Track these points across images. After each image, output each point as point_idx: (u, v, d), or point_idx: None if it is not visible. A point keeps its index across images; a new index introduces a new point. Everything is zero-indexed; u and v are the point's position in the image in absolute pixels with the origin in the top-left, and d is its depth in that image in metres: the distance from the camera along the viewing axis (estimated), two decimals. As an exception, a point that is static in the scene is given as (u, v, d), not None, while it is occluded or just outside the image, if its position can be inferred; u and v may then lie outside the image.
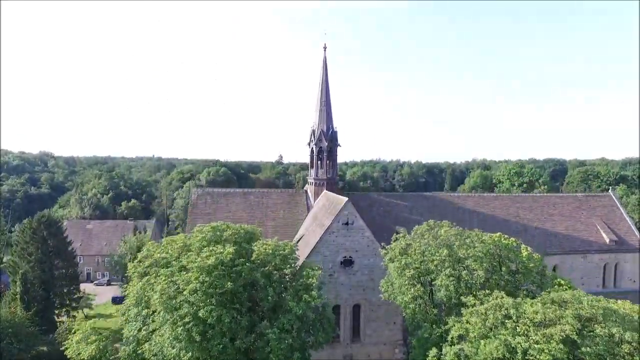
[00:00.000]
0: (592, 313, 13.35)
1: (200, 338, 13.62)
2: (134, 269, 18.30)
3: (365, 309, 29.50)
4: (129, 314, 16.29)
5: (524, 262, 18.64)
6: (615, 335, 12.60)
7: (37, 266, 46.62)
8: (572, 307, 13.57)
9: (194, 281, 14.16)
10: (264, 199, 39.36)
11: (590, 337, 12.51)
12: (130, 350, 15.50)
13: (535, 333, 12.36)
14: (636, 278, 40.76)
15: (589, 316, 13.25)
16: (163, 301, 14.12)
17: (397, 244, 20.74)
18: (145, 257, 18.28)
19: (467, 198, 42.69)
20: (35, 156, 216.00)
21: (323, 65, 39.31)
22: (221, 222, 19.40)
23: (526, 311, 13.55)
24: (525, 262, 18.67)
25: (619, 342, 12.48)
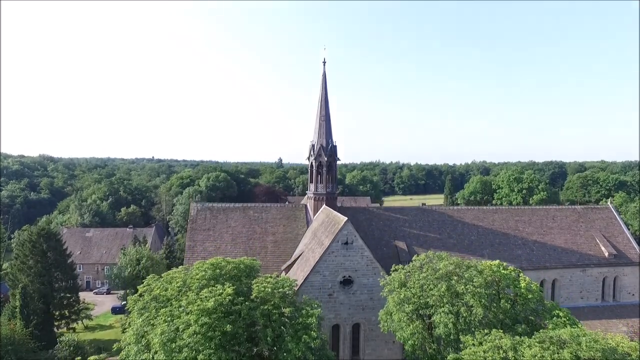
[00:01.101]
0: (590, 355, 13.42)
1: None
2: (133, 303, 18.39)
3: (364, 328, 29.55)
4: (129, 352, 16.35)
5: (522, 293, 18.71)
6: (612, 379, 12.68)
7: (36, 279, 46.72)
8: (571, 348, 13.64)
9: (194, 324, 14.24)
10: (263, 214, 39.45)
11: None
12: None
13: (534, 379, 12.44)
14: (635, 291, 40.84)
15: (587, 358, 13.33)
16: (163, 344, 14.20)
17: (396, 276, 20.77)
18: (145, 290, 18.38)
19: (466, 211, 42.71)
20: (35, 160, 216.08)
21: (322, 80, 39.40)
22: (221, 258, 19.44)
23: (524, 354, 13.61)
24: (524, 292, 18.74)
25: (616, 387, 12.55)
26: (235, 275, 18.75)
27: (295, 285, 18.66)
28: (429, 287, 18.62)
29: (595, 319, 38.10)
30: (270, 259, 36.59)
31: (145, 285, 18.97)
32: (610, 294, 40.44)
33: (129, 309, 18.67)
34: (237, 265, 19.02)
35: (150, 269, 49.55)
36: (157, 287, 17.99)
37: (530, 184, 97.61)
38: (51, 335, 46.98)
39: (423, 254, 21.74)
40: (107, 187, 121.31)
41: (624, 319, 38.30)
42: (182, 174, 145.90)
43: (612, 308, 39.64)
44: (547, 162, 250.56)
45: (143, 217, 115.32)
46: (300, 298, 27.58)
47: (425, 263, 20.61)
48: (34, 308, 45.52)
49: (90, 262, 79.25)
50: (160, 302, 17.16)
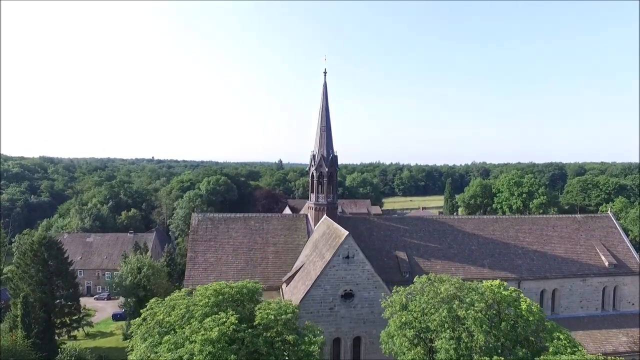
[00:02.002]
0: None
1: None
2: (136, 327, 18.50)
3: (365, 341, 29.64)
4: (133, 378, 16.51)
5: (523, 315, 18.81)
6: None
7: (38, 288, 46.81)
8: (571, 377, 13.77)
9: (198, 354, 14.36)
10: (264, 224, 39.53)
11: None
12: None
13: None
14: (635, 301, 40.92)
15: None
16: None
17: (398, 298, 20.87)
18: (149, 315, 18.51)
19: (466, 221, 42.80)
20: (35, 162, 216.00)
21: (323, 90, 39.48)
22: (224, 284, 19.53)
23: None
24: (525, 314, 18.84)
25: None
26: (238, 299, 18.91)
27: (297, 309, 18.73)
28: (430, 312, 18.73)
29: (595, 328, 38.23)
30: (271, 269, 36.68)
31: (149, 309, 19.10)
32: (610, 304, 40.53)
33: (132, 332, 18.76)
34: (239, 289, 19.15)
35: (151, 278, 49.71)
36: (161, 312, 18.10)
37: (530, 188, 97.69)
38: (52, 344, 47.10)
39: (425, 276, 21.82)
40: (108, 191, 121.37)
41: (623, 329, 38.44)
42: (182, 177, 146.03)
43: (612, 318, 39.73)
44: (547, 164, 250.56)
45: (143, 221, 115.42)
46: (302, 312, 27.82)
47: (426, 285, 20.70)
48: (35, 317, 45.60)
49: (90, 267, 79.32)
50: (164, 327, 17.28)
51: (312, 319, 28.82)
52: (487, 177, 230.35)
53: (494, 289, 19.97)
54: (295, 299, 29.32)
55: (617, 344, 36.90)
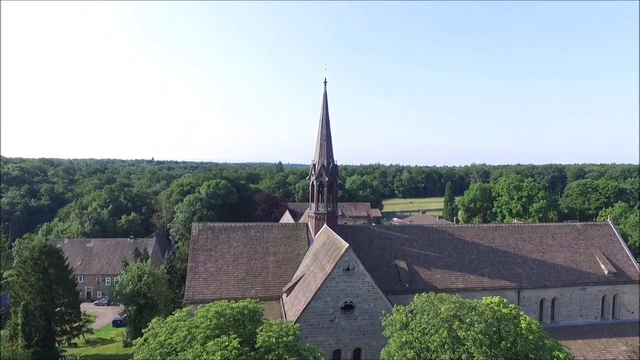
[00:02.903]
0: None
1: None
2: (138, 349, 18.60)
3: (365, 352, 29.68)
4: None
5: (523, 334, 18.91)
6: None
7: (38, 296, 46.86)
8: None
9: None
10: (264, 233, 39.61)
11: None
12: None
13: None
14: (634, 309, 41.01)
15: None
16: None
17: (398, 317, 20.97)
18: (150, 335, 18.60)
19: (466, 229, 42.89)
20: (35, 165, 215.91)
21: (323, 100, 39.58)
22: (225, 305, 19.61)
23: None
24: (524, 333, 18.95)
25: None
26: (239, 319, 19.01)
27: (298, 331, 18.81)
28: (430, 332, 18.84)
29: (594, 337, 38.26)
30: (272, 279, 36.75)
31: (150, 329, 19.21)
32: (610, 312, 40.60)
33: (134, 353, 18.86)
34: (240, 310, 19.25)
35: (151, 285, 49.78)
36: (162, 333, 18.20)
37: (530, 192, 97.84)
38: (53, 352, 47.17)
39: (425, 294, 21.93)
40: (108, 194, 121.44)
41: (623, 338, 38.45)
42: (182, 180, 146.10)
43: (612, 326, 39.78)
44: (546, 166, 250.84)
45: (143, 225, 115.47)
46: (303, 324, 27.89)
47: (426, 304, 20.80)
48: (36, 325, 45.63)
49: (91, 273, 79.37)
50: (165, 347, 17.39)
51: (313, 331, 29.02)
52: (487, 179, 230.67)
53: (494, 307, 20.09)
54: (296, 311, 29.41)
55: (617, 352, 36.93)
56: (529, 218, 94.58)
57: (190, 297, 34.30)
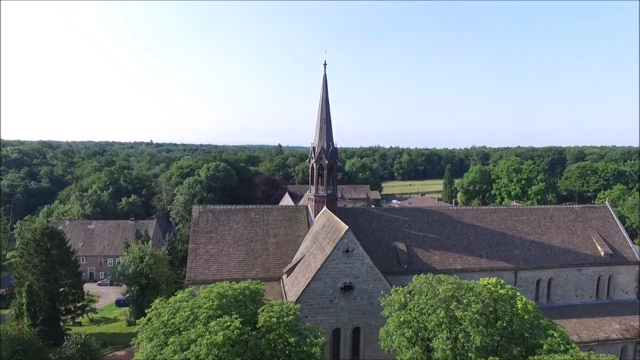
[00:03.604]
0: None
1: None
2: (142, 327, 19.02)
3: (364, 331, 30.33)
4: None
5: (519, 314, 19.30)
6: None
7: (42, 277, 47.53)
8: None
9: (204, 357, 14.89)
10: (264, 216, 39.87)
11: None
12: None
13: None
14: (629, 289, 41.70)
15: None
16: (173, 375, 14.93)
17: (397, 298, 21.33)
18: (153, 315, 19.01)
19: (465, 211, 43.16)
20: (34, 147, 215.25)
21: (323, 82, 39.21)
22: (227, 285, 19.95)
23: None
24: (520, 313, 19.34)
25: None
26: (241, 300, 19.37)
27: (298, 311, 19.19)
28: (428, 312, 19.23)
29: (589, 316, 39.07)
30: (272, 260, 37.19)
31: (153, 309, 19.62)
32: (605, 292, 41.27)
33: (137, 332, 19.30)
34: (242, 291, 19.58)
35: (153, 267, 50.42)
36: (165, 313, 18.60)
37: (529, 175, 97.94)
38: (58, 331, 48.19)
39: (423, 275, 22.24)
40: (107, 177, 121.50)
41: (617, 317, 39.28)
42: (181, 162, 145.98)
43: (606, 306, 40.54)
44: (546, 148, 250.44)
45: (144, 207, 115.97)
46: (303, 304, 28.40)
47: (425, 285, 21.13)
48: (40, 305, 46.50)
49: (93, 254, 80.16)
50: (169, 327, 17.80)
51: (313, 311, 29.56)
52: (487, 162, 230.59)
53: (491, 288, 20.45)
54: (296, 291, 29.90)
55: (610, 331, 37.79)
56: (527, 200, 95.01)
57: (192, 278, 34.81)
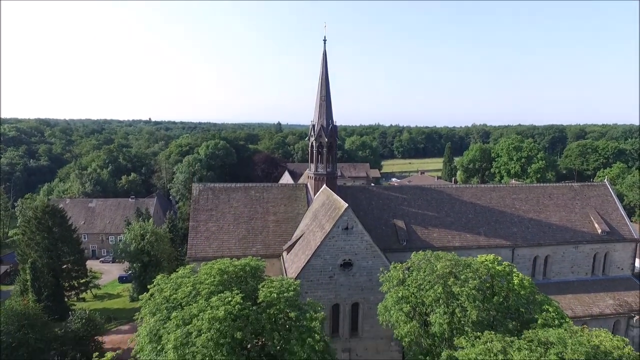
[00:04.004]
0: (575, 357, 14.42)
1: None
2: (145, 303, 19.37)
3: (363, 307, 30.95)
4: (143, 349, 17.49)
5: (515, 290, 19.64)
6: (593, 382, 13.78)
7: (44, 254, 48.06)
8: (556, 350, 14.64)
9: (206, 331, 15.23)
10: (264, 194, 39.99)
11: (570, 383, 13.71)
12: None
13: (520, 384, 13.53)
14: (624, 266, 42.33)
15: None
16: (176, 348, 15.25)
17: (395, 274, 21.61)
18: (156, 290, 19.34)
19: (464, 189, 43.28)
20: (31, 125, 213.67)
21: (323, 59, 38.52)
22: (228, 262, 20.19)
23: (513, 357, 14.62)
24: (516, 288, 19.66)
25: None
26: (242, 276, 19.67)
27: (298, 287, 19.50)
28: (425, 288, 19.54)
29: (584, 292, 39.83)
30: (272, 238, 37.54)
31: (156, 285, 19.94)
32: (600, 269, 41.88)
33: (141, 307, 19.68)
34: (243, 267, 19.85)
35: (154, 244, 50.94)
36: (167, 289, 18.92)
37: (529, 153, 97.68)
38: (63, 306, 49.12)
39: (422, 252, 22.47)
40: (107, 155, 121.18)
41: (611, 292, 40.06)
42: (180, 140, 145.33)
43: (601, 282, 41.24)
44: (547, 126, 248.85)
45: (144, 185, 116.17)
46: (303, 280, 28.84)
47: (423, 262, 21.39)
48: (44, 281, 47.20)
49: (94, 232, 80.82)
50: (171, 302, 18.15)
51: (312, 287, 30.07)
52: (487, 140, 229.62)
53: (488, 264, 20.72)
54: (296, 268, 30.32)
55: (604, 306, 38.61)
56: (527, 179, 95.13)
57: (193, 255, 35.23)
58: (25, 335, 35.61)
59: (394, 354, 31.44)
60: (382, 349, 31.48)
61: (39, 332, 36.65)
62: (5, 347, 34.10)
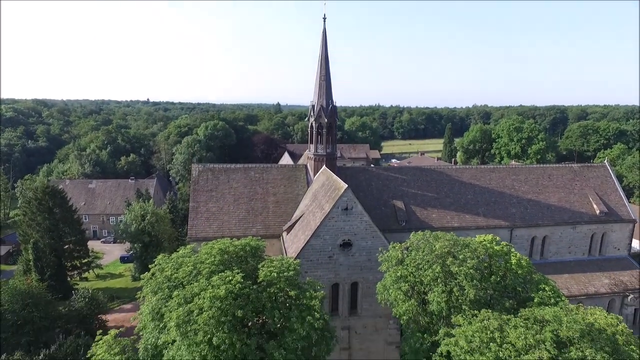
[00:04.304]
0: (569, 335, 14.72)
1: None
2: (146, 282, 19.60)
3: (362, 286, 31.35)
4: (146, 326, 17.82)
5: (512, 269, 19.86)
6: (587, 358, 14.09)
7: (46, 235, 48.38)
8: (552, 327, 14.93)
9: (207, 309, 15.49)
10: (264, 175, 39.96)
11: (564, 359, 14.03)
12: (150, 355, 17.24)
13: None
14: (621, 246, 42.73)
15: (567, 338, 14.64)
16: (179, 325, 15.54)
17: (394, 254, 21.79)
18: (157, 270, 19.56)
19: (464, 170, 43.25)
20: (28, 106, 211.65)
21: (322, 37, 37.82)
22: (228, 242, 20.33)
23: (510, 334, 14.92)
24: (514, 268, 19.89)
25: (590, 364, 14.00)
26: (242, 256, 19.86)
27: (298, 266, 19.71)
28: (424, 267, 19.76)
29: (580, 272, 40.34)
30: (272, 218, 37.73)
31: (157, 265, 20.15)
32: (597, 249, 42.28)
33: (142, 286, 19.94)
34: (243, 247, 20.01)
35: (155, 224, 51.25)
36: (169, 268, 19.14)
37: (530, 134, 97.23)
38: (66, 285, 49.82)
39: (420, 232, 22.62)
40: (105, 136, 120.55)
41: (607, 272, 40.59)
42: (179, 121, 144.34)
43: (597, 262, 41.73)
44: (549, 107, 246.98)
45: (143, 166, 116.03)
46: (303, 260, 29.14)
47: (422, 241, 21.55)
48: (47, 261, 47.71)
49: (95, 212, 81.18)
50: (172, 281, 18.39)
51: (312, 266, 30.40)
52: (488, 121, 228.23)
53: (487, 244, 20.91)
54: (296, 248, 30.59)
55: (599, 285, 39.18)
56: (527, 160, 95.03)
57: (194, 235, 35.47)
58: (30, 313, 36.28)
59: (392, 332, 32.09)
60: (380, 326, 32.08)
61: (43, 310, 37.33)
62: (11, 325, 34.77)
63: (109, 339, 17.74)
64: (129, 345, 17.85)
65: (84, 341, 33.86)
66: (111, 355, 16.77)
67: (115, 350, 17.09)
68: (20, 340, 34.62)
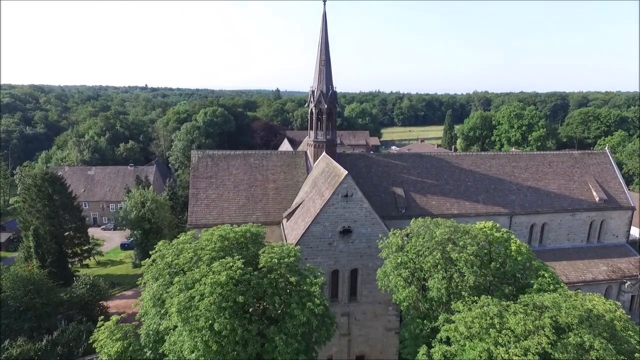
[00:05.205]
0: (568, 320, 14.84)
1: (216, 347, 15.38)
2: (147, 268, 19.65)
3: (362, 272, 31.53)
4: (147, 312, 17.94)
5: (512, 256, 19.92)
6: (585, 343, 14.23)
7: (46, 221, 48.44)
8: (551, 313, 15.04)
9: (208, 295, 15.56)
10: (264, 161, 39.83)
11: (563, 345, 14.17)
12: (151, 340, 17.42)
13: (515, 346, 13.96)
14: (619, 233, 42.91)
15: (566, 323, 14.76)
16: (180, 311, 15.64)
17: (394, 240, 21.81)
18: (158, 256, 19.60)
19: (464, 157, 43.11)
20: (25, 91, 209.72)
21: (322, 21, 37.20)
22: (228, 228, 20.31)
23: (509, 321, 15.03)
24: (514, 255, 19.94)
25: (588, 349, 14.15)
26: (242, 242, 19.89)
27: (298, 252, 19.75)
28: (424, 254, 19.81)
29: (578, 259, 40.60)
30: (272, 205, 37.73)
31: (157, 251, 20.19)
32: (596, 236, 42.46)
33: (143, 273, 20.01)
34: (243, 233, 20.03)
35: (155, 211, 51.27)
36: (169, 255, 19.18)
37: (530, 121, 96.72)
38: (67, 272, 50.08)
39: (421, 219, 22.60)
40: (104, 122, 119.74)
41: (605, 259, 40.86)
42: (178, 108, 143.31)
43: (596, 249, 41.95)
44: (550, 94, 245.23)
45: (142, 153, 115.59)
46: (303, 246, 29.22)
47: (422, 228, 21.56)
48: (48, 248, 47.85)
49: (94, 199, 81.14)
50: (173, 268, 18.45)
51: (312, 253, 30.51)
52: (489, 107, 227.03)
53: (487, 231, 20.93)
54: (296, 235, 30.65)
55: (597, 272, 39.48)
56: (527, 147, 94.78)
57: (194, 222, 35.51)
58: (32, 299, 36.53)
59: (391, 318, 32.41)
60: (380, 313, 32.39)
61: (45, 296, 37.58)
62: (13, 311, 35.05)
63: (111, 325, 17.89)
64: (131, 331, 18.01)
65: (85, 327, 34.23)
66: (113, 340, 16.93)
67: (117, 335, 17.25)
68: (23, 326, 34.93)
